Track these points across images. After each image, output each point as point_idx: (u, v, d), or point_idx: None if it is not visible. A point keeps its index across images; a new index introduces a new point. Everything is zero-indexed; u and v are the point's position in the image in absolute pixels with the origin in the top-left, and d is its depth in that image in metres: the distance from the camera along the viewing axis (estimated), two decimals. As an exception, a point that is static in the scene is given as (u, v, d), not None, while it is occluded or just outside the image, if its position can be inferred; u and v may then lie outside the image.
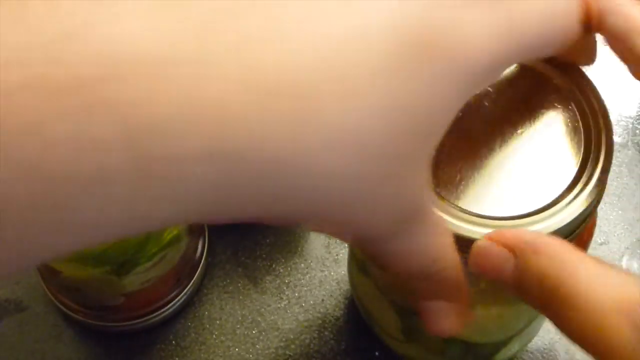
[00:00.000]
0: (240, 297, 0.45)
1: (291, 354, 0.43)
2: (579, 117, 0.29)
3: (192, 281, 0.44)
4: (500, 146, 0.29)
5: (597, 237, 0.47)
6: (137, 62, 0.18)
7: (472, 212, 0.27)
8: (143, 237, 0.37)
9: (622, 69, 0.28)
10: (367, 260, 0.35)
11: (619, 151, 0.50)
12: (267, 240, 0.47)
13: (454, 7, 0.22)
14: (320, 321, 0.44)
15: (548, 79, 0.30)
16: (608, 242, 0.48)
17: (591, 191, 0.28)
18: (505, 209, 0.28)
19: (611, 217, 0.48)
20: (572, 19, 0.26)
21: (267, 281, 0.46)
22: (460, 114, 0.29)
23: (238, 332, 0.44)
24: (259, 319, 0.44)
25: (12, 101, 0.17)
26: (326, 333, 0.44)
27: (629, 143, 0.51)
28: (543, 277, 0.23)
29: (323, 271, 0.46)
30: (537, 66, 0.30)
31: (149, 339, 0.44)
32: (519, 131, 0.29)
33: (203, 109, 0.19)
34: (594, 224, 0.33)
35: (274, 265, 0.46)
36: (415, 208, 0.24)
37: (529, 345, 0.42)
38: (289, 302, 0.45)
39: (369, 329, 0.41)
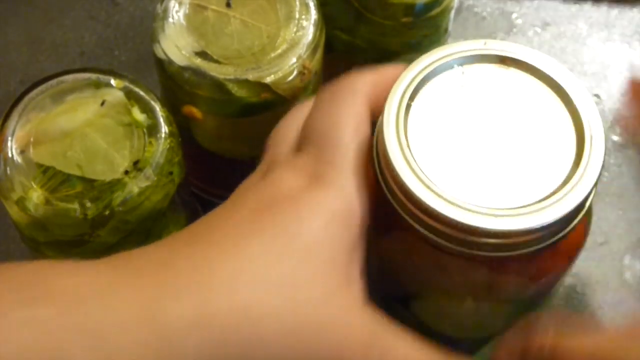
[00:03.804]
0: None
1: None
2: (570, 116, 0.31)
3: (193, 282, 0.44)
4: (499, 141, 0.30)
5: (597, 237, 0.48)
6: None
7: (471, 203, 0.29)
8: (143, 238, 0.37)
9: (623, 69, 0.28)
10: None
11: (619, 151, 0.50)
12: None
13: None
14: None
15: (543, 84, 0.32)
16: (608, 242, 0.48)
17: (584, 186, 0.29)
18: (502, 200, 0.29)
19: (611, 217, 0.48)
20: None
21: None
22: (460, 112, 0.30)
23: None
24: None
25: None
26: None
27: (629, 143, 0.51)
28: None
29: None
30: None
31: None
32: (516, 128, 0.31)
33: None
34: (589, 220, 0.33)
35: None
36: None
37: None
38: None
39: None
